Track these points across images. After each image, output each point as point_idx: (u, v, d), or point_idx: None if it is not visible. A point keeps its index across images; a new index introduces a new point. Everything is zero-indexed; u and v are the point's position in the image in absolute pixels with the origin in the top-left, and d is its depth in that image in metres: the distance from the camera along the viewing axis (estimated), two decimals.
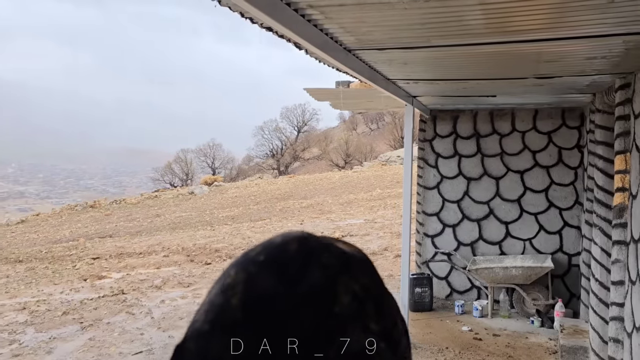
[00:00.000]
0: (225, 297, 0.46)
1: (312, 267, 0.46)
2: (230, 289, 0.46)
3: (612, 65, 3.45)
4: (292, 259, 0.46)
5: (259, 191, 29.83)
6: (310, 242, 0.49)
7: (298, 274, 0.45)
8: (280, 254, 0.47)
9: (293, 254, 0.47)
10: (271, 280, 0.45)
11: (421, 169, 7.35)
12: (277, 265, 0.46)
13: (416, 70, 3.83)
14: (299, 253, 0.47)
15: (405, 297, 5.67)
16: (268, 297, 0.44)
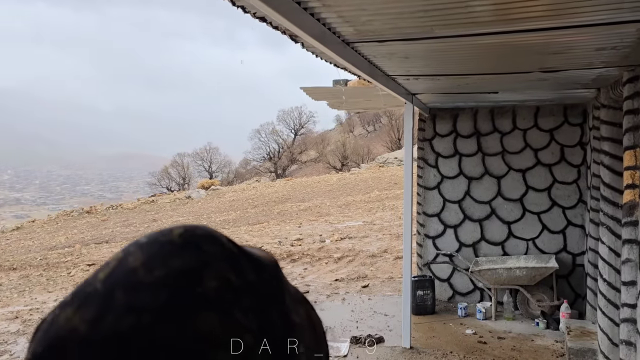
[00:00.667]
0: (96, 272, 0.45)
1: (188, 249, 0.44)
2: (105, 265, 0.45)
3: (622, 56, 3.31)
4: (169, 242, 0.45)
5: (256, 194, 29.66)
6: (198, 230, 0.47)
7: (169, 254, 0.44)
8: (161, 237, 0.45)
9: (173, 237, 0.45)
10: (140, 258, 0.44)
11: (421, 169, 7.20)
12: (152, 245, 0.45)
13: (417, 65, 3.69)
14: (181, 237, 0.45)
15: (407, 300, 5.52)
16: (131, 272, 0.43)
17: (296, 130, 62.52)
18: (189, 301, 0.42)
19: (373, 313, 6.77)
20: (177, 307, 0.41)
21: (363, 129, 67.87)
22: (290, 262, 11.48)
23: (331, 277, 9.88)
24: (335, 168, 49.22)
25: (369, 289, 8.69)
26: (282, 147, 57.98)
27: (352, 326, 6.23)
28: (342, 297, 7.76)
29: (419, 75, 4.12)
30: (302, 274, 10.32)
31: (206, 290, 0.43)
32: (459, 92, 5.23)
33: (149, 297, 0.41)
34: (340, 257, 11.67)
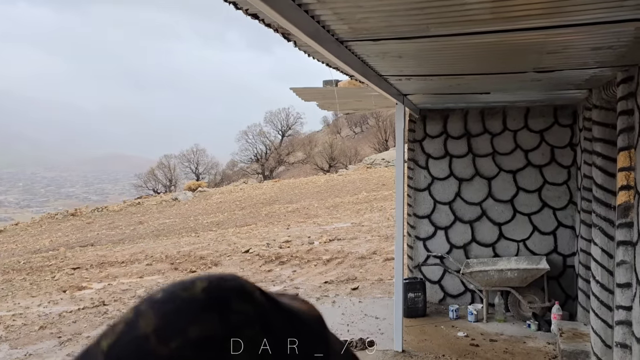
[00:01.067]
0: (99, 338, 0.37)
1: (213, 311, 0.36)
2: (111, 330, 0.37)
3: (617, 56, 3.28)
4: (190, 299, 0.36)
5: (243, 196, 29.49)
6: (226, 283, 0.38)
7: (188, 317, 0.35)
8: (180, 291, 0.37)
9: (195, 293, 0.37)
10: (153, 322, 0.35)
11: (411, 170, 7.15)
12: (169, 304, 0.36)
13: (410, 65, 3.63)
14: (205, 292, 0.37)
15: (399, 303, 5.45)
16: (140, 341, 0.34)
17: (283, 132, 62.37)
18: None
19: (364, 316, 6.70)
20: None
21: (350, 130, 67.94)
22: (279, 264, 11.38)
23: (320, 280, 9.79)
24: (322, 169, 49.17)
25: (358, 292, 8.62)
26: (269, 149, 57.79)
27: (343, 330, 6.15)
28: (332, 300, 7.68)
29: (411, 76, 4.05)
30: (291, 276, 10.22)
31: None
32: (450, 92, 5.18)
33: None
34: (329, 259, 11.59)
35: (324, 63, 3.56)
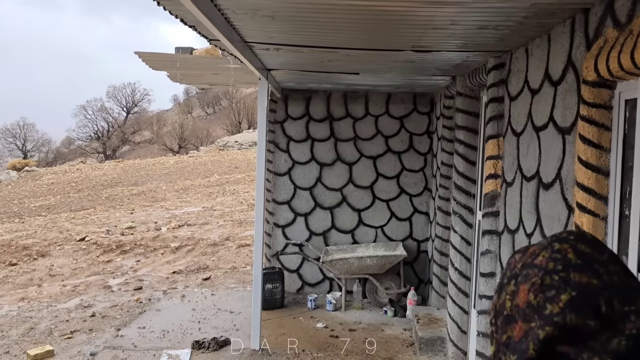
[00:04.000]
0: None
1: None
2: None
3: (496, 40, 3.14)
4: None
5: (81, 177, 26.73)
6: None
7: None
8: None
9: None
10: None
11: (271, 154, 6.72)
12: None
13: (283, 30, 3.14)
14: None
15: (257, 298, 5.00)
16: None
17: (129, 109, 58.17)
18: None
19: (217, 311, 6.15)
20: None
21: (202, 111, 65.74)
22: (121, 253, 10.26)
23: (168, 270, 8.98)
24: (172, 150, 46.85)
25: (210, 282, 8.02)
26: (112, 126, 53.46)
27: (193, 328, 5.54)
28: (182, 294, 6.99)
29: (281, 45, 3.57)
30: (134, 266, 9.24)
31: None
32: (318, 70, 4.81)
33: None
34: (178, 247, 10.76)
35: (178, 18, 2.91)
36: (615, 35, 2.26)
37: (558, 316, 0.70)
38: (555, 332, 0.70)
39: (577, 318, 0.69)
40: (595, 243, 0.77)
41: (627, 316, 0.69)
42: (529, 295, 0.74)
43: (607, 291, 0.71)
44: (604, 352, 0.67)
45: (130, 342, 5.19)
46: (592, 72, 2.40)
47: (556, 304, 0.71)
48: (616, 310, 0.70)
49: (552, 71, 2.90)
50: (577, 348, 0.69)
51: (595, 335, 0.69)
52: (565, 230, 0.81)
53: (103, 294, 7.38)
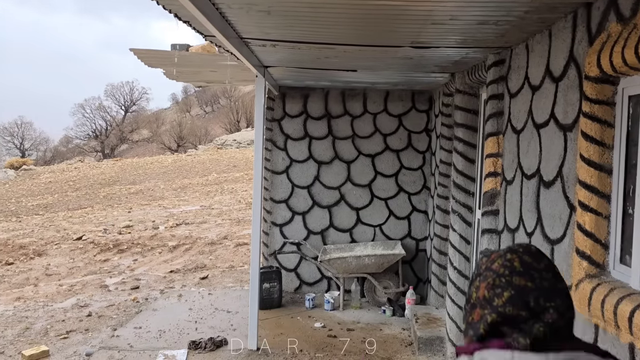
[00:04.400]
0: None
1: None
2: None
3: (497, 35, 3.09)
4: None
5: (79, 176, 26.64)
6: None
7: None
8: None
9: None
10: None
11: (269, 152, 6.66)
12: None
13: (278, 26, 3.08)
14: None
15: (255, 298, 4.95)
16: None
17: (127, 107, 58.04)
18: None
19: (214, 310, 6.10)
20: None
21: (201, 109, 65.61)
22: (118, 252, 10.20)
23: (165, 269, 8.92)
24: (170, 149, 46.76)
25: (208, 281, 7.97)
26: (110, 125, 53.33)
27: (190, 328, 5.49)
28: (179, 293, 6.93)
29: (277, 41, 3.51)
30: (131, 266, 9.18)
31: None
32: (315, 67, 4.75)
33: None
34: (176, 246, 10.69)
35: (174, 14, 2.85)
36: (618, 29, 2.20)
37: (501, 307, 1.05)
38: (499, 318, 1.05)
39: (513, 309, 1.04)
40: (537, 255, 1.11)
41: (547, 310, 1.03)
42: (485, 291, 1.08)
43: (537, 292, 1.05)
44: (529, 333, 1.01)
45: (126, 342, 5.13)
46: (594, 67, 2.35)
47: (500, 299, 1.05)
48: (541, 305, 1.03)
49: (553, 67, 2.85)
50: (512, 329, 1.03)
51: (525, 322, 1.02)
52: (518, 244, 1.14)
53: (100, 294, 7.32)
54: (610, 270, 2.41)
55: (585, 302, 2.36)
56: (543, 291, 1.05)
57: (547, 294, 1.04)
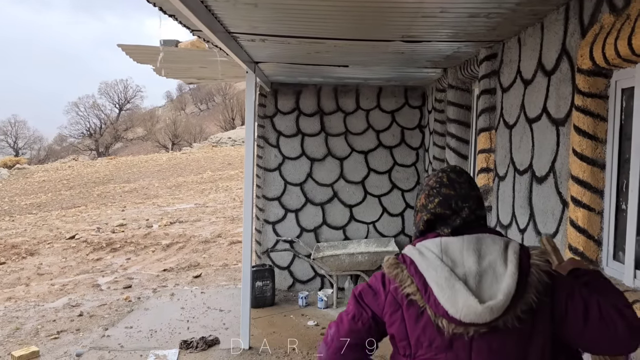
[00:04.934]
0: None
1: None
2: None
3: (488, 29, 3.03)
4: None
5: (73, 174, 26.50)
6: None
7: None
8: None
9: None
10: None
11: (261, 149, 6.60)
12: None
13: (266, 19, 3.02)
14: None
15: (246, 296, 4.90)
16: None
17: (121, 105, 57.77)
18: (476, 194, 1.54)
19: (207, 309, 6.04)
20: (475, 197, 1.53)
21: (195, 107, 65.40)
22: (111, 251, 10.12)
23: (158, 267, 8.85)
24: (165, 147, 46.59)
25: (201, 280, 7.90)
26: (104, 123, 53.08)
27: (182, 327, 5.43)
28: (171, 292, 6.87)
29: (266, 36, 3.45)
30: (124, 264, 9.11)
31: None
32: (306, 63, 4.69)
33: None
34: (170, 244, 10.62)
35: (157, 6, 2.79)
36: (611, 20, 2.15)
37: (433, 209, 1.49)
38: (432, 217, 1.49)
39: (441, 210, 1.47)
40: (459, 172, 1.55)
41: (463, 209, 1.47)
42: (423, 199, 1.52)
43: (457, 197, 1.48)
44: (451, 225, 1.45)
45: (117, 342, 5.07)
46: (587, 60, 2.30)
47: (433, 203, 1.49)
48: (459, 206, 1.47)
49: (546, 60, 2.80)
50: (441, 224, 1.47)
51: (449, 218, 1.47)
52: (448, 165, 1.75)
53: (92, 293, 7.25)
54: (604, 267, 2.37)
55: None
56: (461, 197, 1.49)
57: (464, 198, 1.49)
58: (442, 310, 1.34)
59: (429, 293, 1.37)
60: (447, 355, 1.39)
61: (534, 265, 1.38)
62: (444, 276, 1.36)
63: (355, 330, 1.51)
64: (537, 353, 1.38)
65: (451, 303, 1.33)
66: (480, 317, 1.32)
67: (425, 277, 1.39)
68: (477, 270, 1.37)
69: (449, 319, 1.34)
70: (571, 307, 1.38)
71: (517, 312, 1.33)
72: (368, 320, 1.50)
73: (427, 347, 1.42)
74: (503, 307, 1.32)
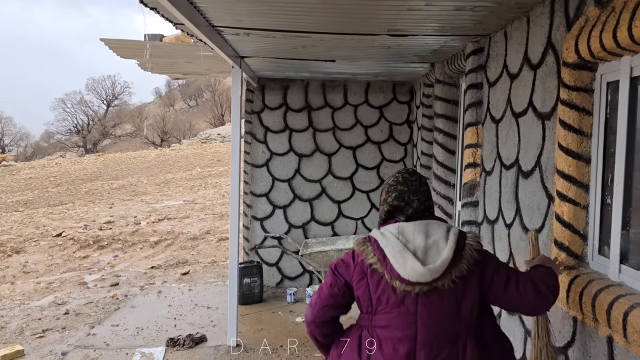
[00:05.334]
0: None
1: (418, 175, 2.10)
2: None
3: (474, 22, 3.01)
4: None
5: (60, 171, 26.24)
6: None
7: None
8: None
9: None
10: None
11: (249, 145, 6.55)
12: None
13: (250, 13, 2.97)
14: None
15: (234, 293, 4.86)
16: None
17: (109, 102, 57.28)
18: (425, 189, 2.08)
19: (194, 306, 5.99)
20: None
21: (185, 104, 65.01)
22: (98, 248, 10.03)
23: (146, 265, 8.78)
24: (154, 143, 46.30)
25: (189, 277, 7.85)
26: (92, 120, 52.60)
27: (169, 325, 5.38)
28: (159, 289, 6.81)
29: (251, 29, 3.41)
30: (111, 262, 9.02)
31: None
32: (294, 57, 4.65)
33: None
34: (158, 241, 10.55)
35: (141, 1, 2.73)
36: (597, 13, 2.14)
37: (391, 202, 2.00)
38: (391, 208, 2.00)
39: (397, 202, 1.98)
40: (412, 173, 2.06)
41: (414, 201, 1.98)
42: (384, 195, 2.04)
43: (409, 192, 1.98)
44: (405, 214, 1.96)
45: (103, 340, 5.01)
46: (572, 53, 2.28)
47: (391, 197, 2.00)
48: (411, 199, 1.98)
49: (532, 54, 2.79)
50: (398, 213, 1.98)
51: (404, 208, 1.97)
52: (404, 168, 2.19)
53: (78, 291, 7.17)
54: (589, 261, 2.36)
55: (563, 294, 2.30)
56: (412, 192, 1.99)
57: (414, 193, 1.99)
58: (395, 274, 1.83)
59: (387, 262, 1.85)
60: (400, 309, 1.86)
61: (468, 244, 1.87)
62: (398, 249, 1.84)
63: (333, 295, 1.98)
64: (467, 310, 1.85)
65: (402, 268, 1.81)
66: (423, 277, 1.80)
67: (384, 251, 1.86)
68: (424, 245, 1.85)
69: (401, 280, 1.82)
70: (496, 278, 1.90)
71: (452, 277, 1.81)
72: (342, 286, 1.96)
73: (384, 304, 1.88)
74: (440, 270, 1.79)
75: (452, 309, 1.83)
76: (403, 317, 1.84)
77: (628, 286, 2.06)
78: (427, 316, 1.82)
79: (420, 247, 1.83)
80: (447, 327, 1.83)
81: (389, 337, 1.86)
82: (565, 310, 2.35)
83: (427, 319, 1.83)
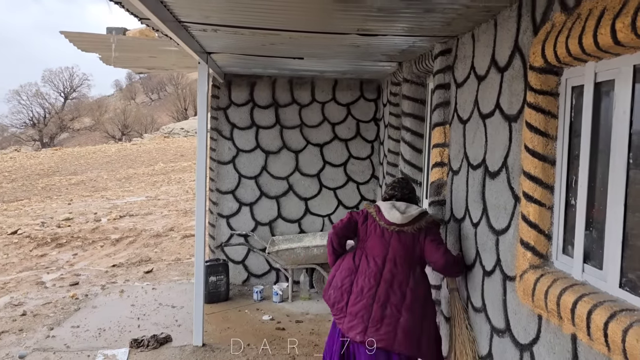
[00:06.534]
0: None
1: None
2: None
3: (443, 24, 3.04)
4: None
5: (14, 166, 25.29)
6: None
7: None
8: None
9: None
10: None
11: (214, 141, 6.46)
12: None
13: (219, 10, 2.92)
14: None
15: (200, 292, 4.79)
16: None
17: (67, 94, 55.53)
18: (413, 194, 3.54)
19: (158, 306, 5.88)
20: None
21: (146, 97, 63.64)
22: (56, 247, 9.72)
23: (107, 263, 8.57)
24: (114, 138, 45.20)
25: (152, 275, 7.70)
26: (49, 112, 50.89)
27: (132, 325, 5.26)
28: (121, 289, 6.66)
29: (218, 26, 3.35)
30: (70, 260, 8.76)
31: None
32: (262, 54, 4.60)
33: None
34: (119, 239, 10.30)
35: None
36: (563, 19, 2.19)
37: (389, 191, 3.50)
38: (387, 196, 3.47)
39: (392, 192, 3.46)
40: (405, 179, 3.54)
41: (401, 192, 3.47)
42: (386, 187, 3.55)
43: (398, 187, 3.46)
44: (395, 198, 3.46)
45: (63, 342, 4.86)
46: (539, 57, 2.33)
47: (389, 188, 3.49)
48: (397, 191, 3.46)
49: (499, 57, 2.83)
50: (390, 198, 3.46)
51: (395, 196, 3.44)
52: (401, 176, 4.45)
53: (35, 291, 6.94)
54: (554, 260, 2.42)
55: (529, 292, 2.36)
56: (399, 188, 3.43)
57: (400, 188, 3.42)
58: (384, 219, 3.23)
59: (380, 213, 3.25)
60: (381, 239, 3.22)
61: (426, 216, 3.23)
62: (389, 207, 3.24)
63: (347, 226, 3.35)
64: (417, 251, 3.20)
65: (388, 214, 3.21)
66: (398, 220, 3.19)
67: (380, 208, 3.27)
68: (404, 209, 3.24)
69: (385, 221, 3.22)
70: (429, 240, 3.19)
71: (413, 228, 3.19)
72: (354, 222, 3.35)
73: (372, 235, 3.25)
74: (408, 219, 3.19)
75: (409, 245, 3.18)
76: (382, 243, 3.20)
77: (591, 285, 2.13)
78: (395, 245, 3.18)
79: (400, 208, 3.23)
80: (405, 254, 3.17)
81: (372, 254, 3.22)
82: (531, 308, 2.41)
83: (395, 246, 3.18)
